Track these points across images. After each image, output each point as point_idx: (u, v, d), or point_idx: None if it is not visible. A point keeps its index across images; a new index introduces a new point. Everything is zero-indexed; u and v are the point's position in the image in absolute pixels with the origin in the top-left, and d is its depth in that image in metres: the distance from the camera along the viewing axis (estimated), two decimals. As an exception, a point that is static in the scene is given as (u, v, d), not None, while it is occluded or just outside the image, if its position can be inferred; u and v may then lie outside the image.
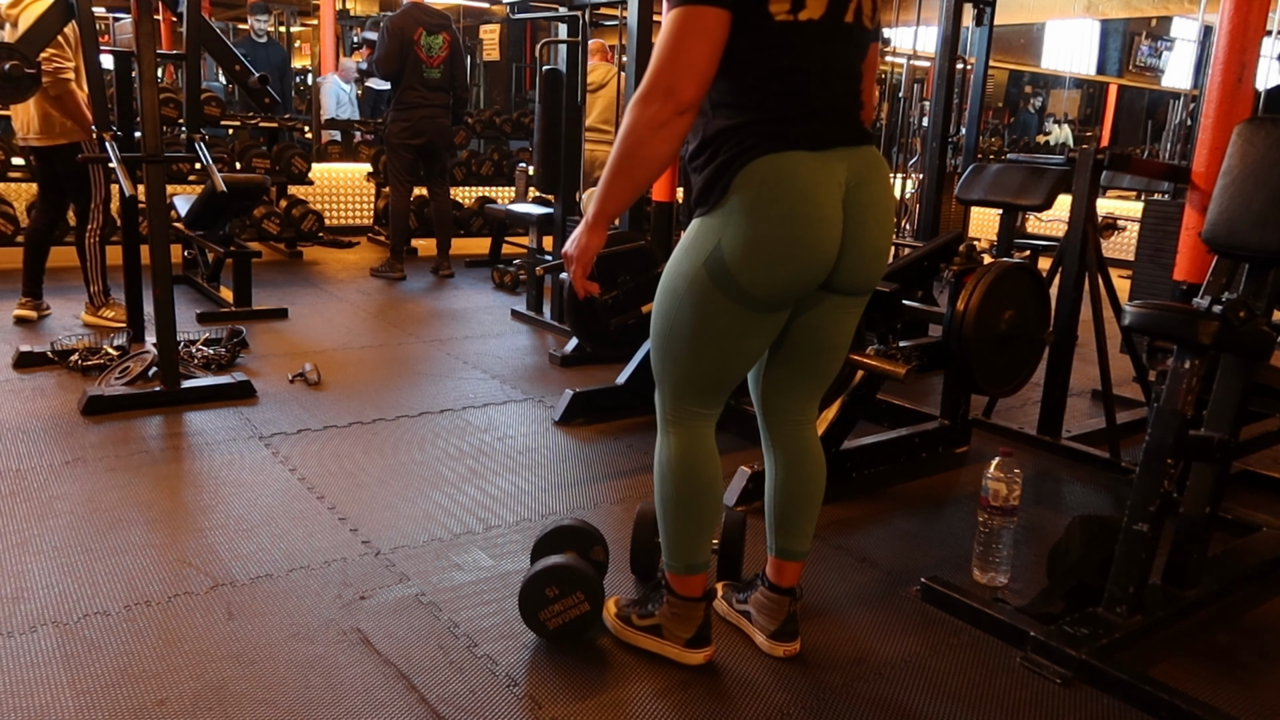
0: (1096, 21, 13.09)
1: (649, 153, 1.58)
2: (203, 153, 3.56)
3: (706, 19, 1.52)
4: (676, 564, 1.84)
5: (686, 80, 1.53)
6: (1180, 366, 1.99)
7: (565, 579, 1.90)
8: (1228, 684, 1.94)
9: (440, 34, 5.69)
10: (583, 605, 1.90)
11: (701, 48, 1.53)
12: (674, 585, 1.87)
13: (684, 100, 1.54)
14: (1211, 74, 2.99)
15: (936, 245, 3.01)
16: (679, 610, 1.87)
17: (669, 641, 1.89)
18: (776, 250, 1.60)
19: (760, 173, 1.59)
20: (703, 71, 1.55)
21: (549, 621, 1.91)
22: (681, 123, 1.56)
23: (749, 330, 1.69)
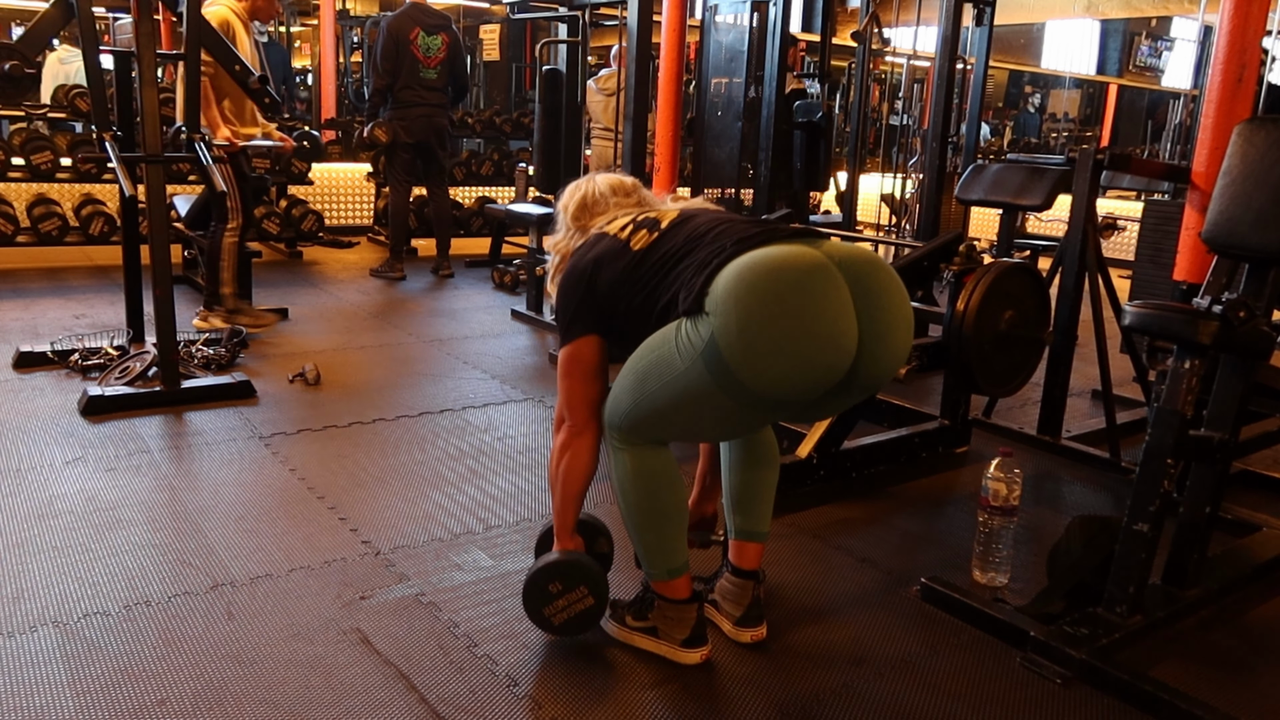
0: (1096, 21, 13.09)
1: (569, 469, 1.87)
2: (202, 153, 3.56)
3: (578, 353, 1.83)
4: (657, 572, 1.86)
5: (573, 410, 1.85)
6: (1180, 366, 1.99)
7: (568, 574, 1.89)
8: (1228, 684, 1.94)
9: (439, 35, 5.70)
10: (587, 599, 1.89)
11: (578, 381, 1.84)
12: (661, 591, 1.88)
13: (576, 425, 1.86)
14: (1211, 74, 2.99)
15: (936, 245, 3.01)
16: (671, 613, 1.88)
17: (665, 641, 1.90)
18: (780, 327, 1.51)
19: (735, 268, 1.56)
20: (584, 399, 1.84)
21: (554, 617, 1.90)
22: (583, 441, 1.86)
23: (741, 419, 1.72)
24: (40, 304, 4.73)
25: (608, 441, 1.85)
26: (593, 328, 1.82)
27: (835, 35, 6.20)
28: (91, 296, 4.94)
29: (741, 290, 1.53)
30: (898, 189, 6.49)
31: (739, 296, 1.53)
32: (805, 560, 2.39)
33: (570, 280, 1.85)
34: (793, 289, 1.52)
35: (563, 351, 1.85)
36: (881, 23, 5.47)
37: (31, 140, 5.61)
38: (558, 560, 1.90)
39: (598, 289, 1.80)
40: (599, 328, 1.82)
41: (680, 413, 1.68)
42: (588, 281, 1.81)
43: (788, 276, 1.53)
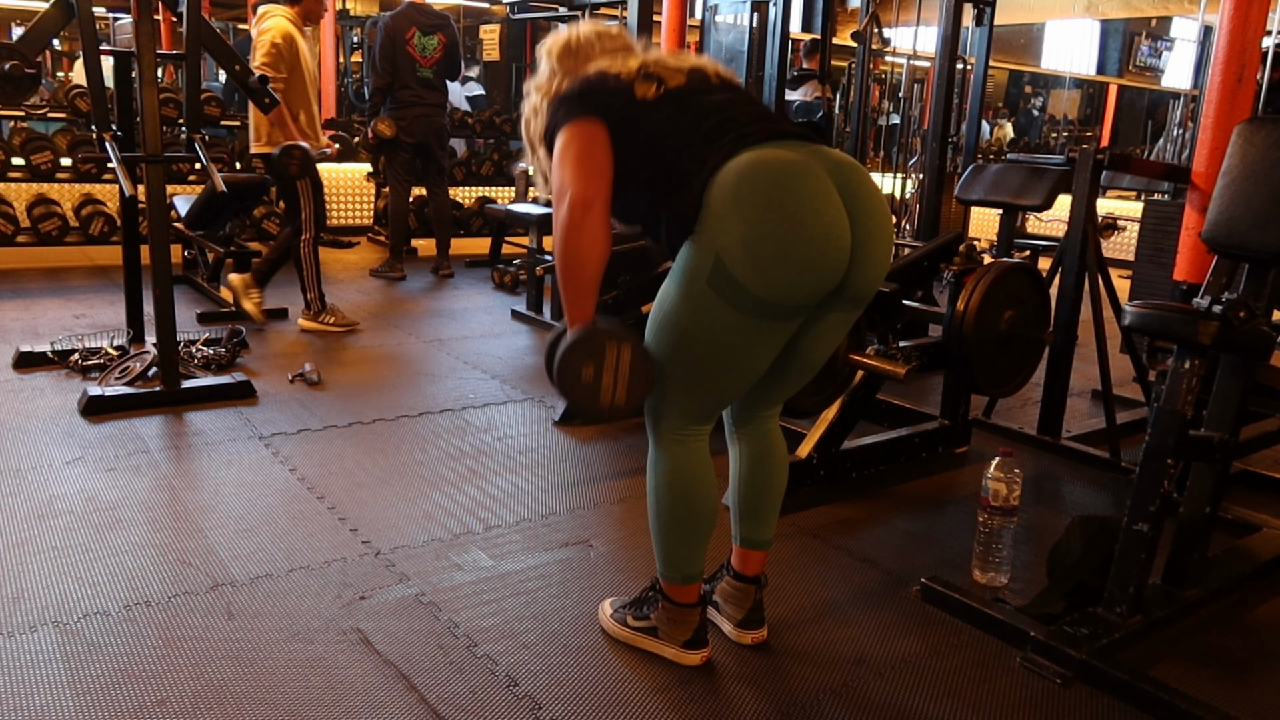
0: (1096, 21, 13.09)
1: (579, 254, 1.65)
2: (202, 153, 3.56)
3: (585, 128, 1.66)
4: (673, 574, 1.85)
5: (580, 178, 1.64)
6: (1180, 366, 1.99)
7: (591, 347, 1.62)
8: (1228, 684, 1.94)
9: (436, 34, 5.70)
10: (624, 354, 1.64)
11: (584, 149, 1.66)
12: (670, 593, 1.87)
13: (585, 195, 1.64)
14: (1211, 74, 2.99)
15: (936, 245, 3.01)
16: (675, 615, 1.88)
17: (666, 642, 1.90)
18: (779, 234, 1.54)
19: (730, 175, 1.57)
20: (592, 167, 1.66)
21: (607, 394, 1.64)
22: (592, 216, 1.64)
23: (761, 345, 1.65)
24: (40, 304, 4.73)
25: (653, 439, 1.80)
26: (600, 115, 1.66)
27: (835, 35, 6.20)
28: (91, 296, 4.94)
29: (739, 202, 1.55)
30: (898, 189, 6.49)
31: (739, 209, 1.55)
32: (805, 560, 2.39)
33: (572, 86, 1.73)
34: (789, 196, 1.55)
35: (564, 131, 1.67)
36: (881, 23, 5.47)
37: (31, 140, 5.61)
38: (578, 338, 1.63)
39: (604, 97, 1.68)
40: (605, 120, 1.67)
41: (709, 358, 1.65)
42: (593, 87, 1.70)
43: (783, 184, 1.55)
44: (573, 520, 2.55)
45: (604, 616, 2.01)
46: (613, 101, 1.69)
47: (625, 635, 1.95)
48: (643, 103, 1.68)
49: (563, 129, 1.68)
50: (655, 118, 1.68)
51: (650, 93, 1.69)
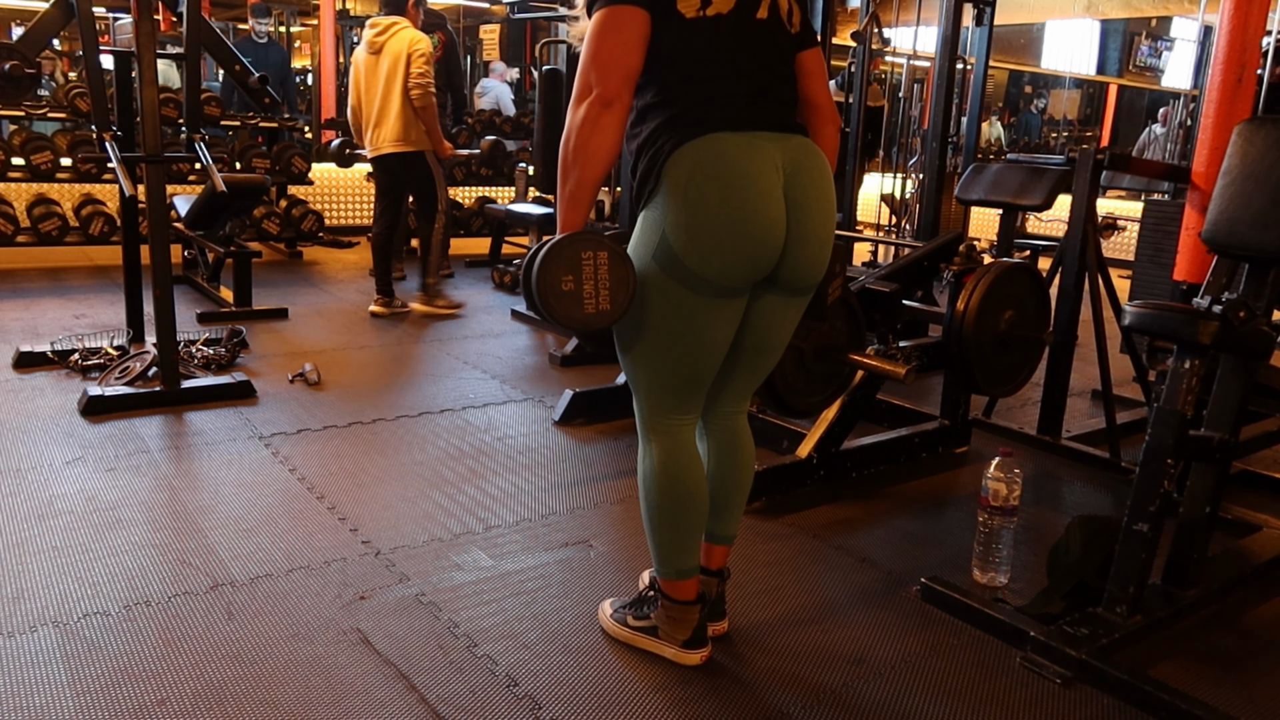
0: (1096, 21, 13.09)
1: (588, 150, 1.60)
2: (203, 153, 3.56)
3: (621, 16, 1.60)
4: (667, 570, 1.86)
5: (606, 75, 1.59)
6: (1180, 366, 1.99)
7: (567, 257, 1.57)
8: (1228, 684, 1.94)
9: (434, 34, 5.71)
10: (600, 260, 1.59)
11: (617, 43, 1.60)
12: (668, 591, 1.88)
13: (607, 93, 1.59)
14: (1211, 74, 2.99)
15: (936, 245, 3.01)
16: (673, 614, 1.89)
17: (665, 642, 1.91)
18: (719, 227, 1.60)
19: (689, 156, 1.62)
20: (621, 64, 1.60)
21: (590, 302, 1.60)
22: (610, 116, 1.59)
23: (711, 318, 1.69)
24: (40, 304, 4.73)
25: (641, 432, 1.84)
26: (645, 4, 1.60)
27: (835, 35, 6.20)
28: (91, 296, 4.94)
29: (687, 192, 1.61)
30: (898, 189, 6.49)
31: (686, 197, 1.61)
32: (805, 560, 2.39)
33: None
34: (734, 196, 1.61)
35: (599, 14, 1.61)
36: (881, 23, 5.46)
37: (31, 140, 5.61)
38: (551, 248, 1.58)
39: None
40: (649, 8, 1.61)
41: (667, 335, 1.70)
42: None
43: (731, 184, 1.61)
44: (573, 520, 2.55)
45: (604, 617, 2.02)
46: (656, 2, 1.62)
47: (625, 635, 1.95)
48: (678, 17, 1.62)
49: (602, 9, 1.61)
50: (682, 39, 1.63)
51: (693, 7, 1.63)
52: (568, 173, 1.62)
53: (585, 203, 1.64)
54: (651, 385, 1.78)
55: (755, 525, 2.56)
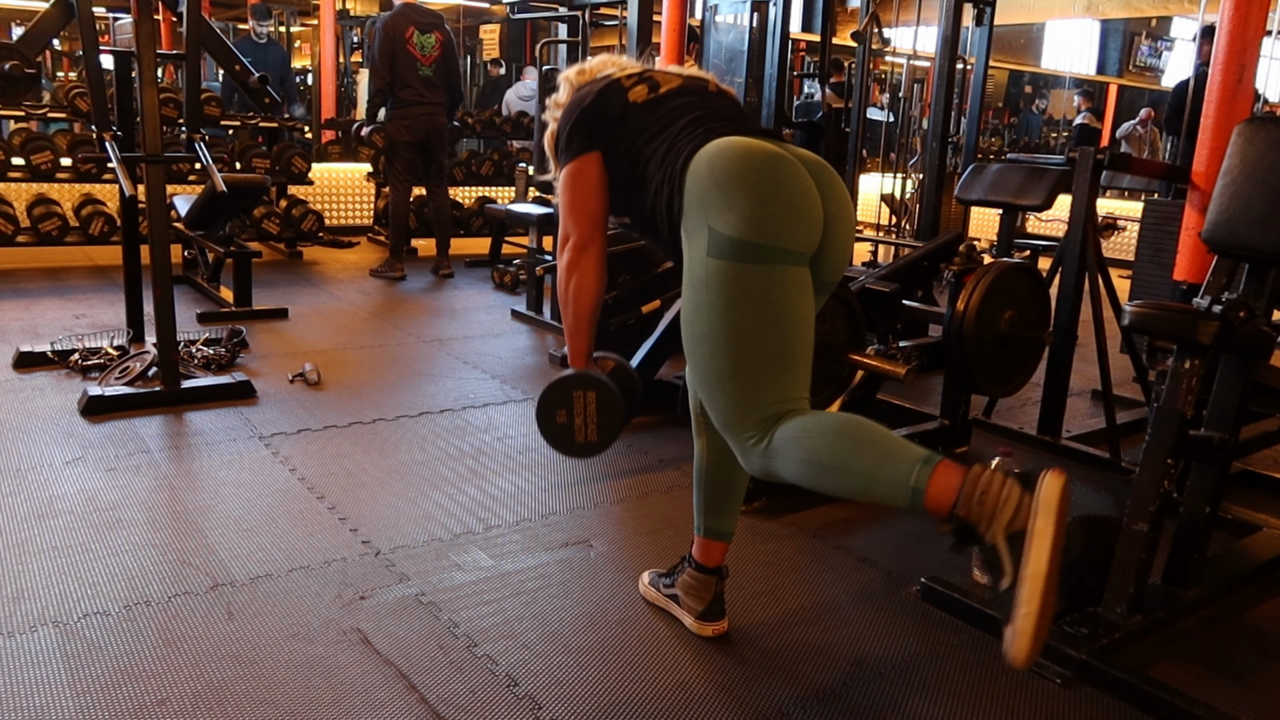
0: (1096, 21, 13.09)
1: (575, 290, 1.84)
2: (203, 153, 3.56)
3: (579, 167, 1.83)
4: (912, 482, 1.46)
5: (578, 223, 1.84)
6: (1180, 366, 1.99)
7: (560, 395, 1.82)
8: (1228, 684, 1.94)
9: (433, 33, 5.71)
10: (589, 399, 1.81)
11: (581, 193, 1.83)
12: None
13: (582, 239, 1.84)
14: (1211, 74, 2.99)
15: (936, 245, 3.01)
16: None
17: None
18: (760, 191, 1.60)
19: (701, 156, 1.66)
20: (589, 211, 1.83)
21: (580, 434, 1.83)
22: (588, 257, 1.84)
23: (786, 288, 1.61)
24: (40, 304, 4.73)
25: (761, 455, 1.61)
26: (595, 146, 1.82)
27: (835, 35, 6.20)
28: (91, 296, 4.94)
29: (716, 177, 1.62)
30: (898, 189, 6.49)
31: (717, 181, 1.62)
32: (805, 560, 2.39)
33: (572, 105, 1.87)
34: (765, 165, 1.63)
35: (565, 170, 1.85)
36: (881, 23, 5.47)
37: (31, 140, 5.61)
38: (548, 388, 1.82)
39: (598, 114, 1.82)
40: (600, 147, 1.82)
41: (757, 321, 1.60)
42: (590, 106, 1.83)
43: (758, 156, 1.63)
44: (573, 520, 2.55)
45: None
46: (607, 112, 1.81)
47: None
48: (634, 105, 1.81)
49: (564, 167, 1.85)
50: (644, 118, 1.80)
51: (643, 95, 1.82)
52: (565, 309, 1.87)
53: (585, 333, 1.87)
54: (745, 391, 1.61)
55: (755, 525, 2.56)
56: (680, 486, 2.81)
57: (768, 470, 1.62)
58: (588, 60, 2.04)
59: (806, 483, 1.58)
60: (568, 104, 1.90)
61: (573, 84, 1.97)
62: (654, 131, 1.77)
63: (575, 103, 1.87)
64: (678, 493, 2.76)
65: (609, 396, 1.82)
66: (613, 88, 1.84)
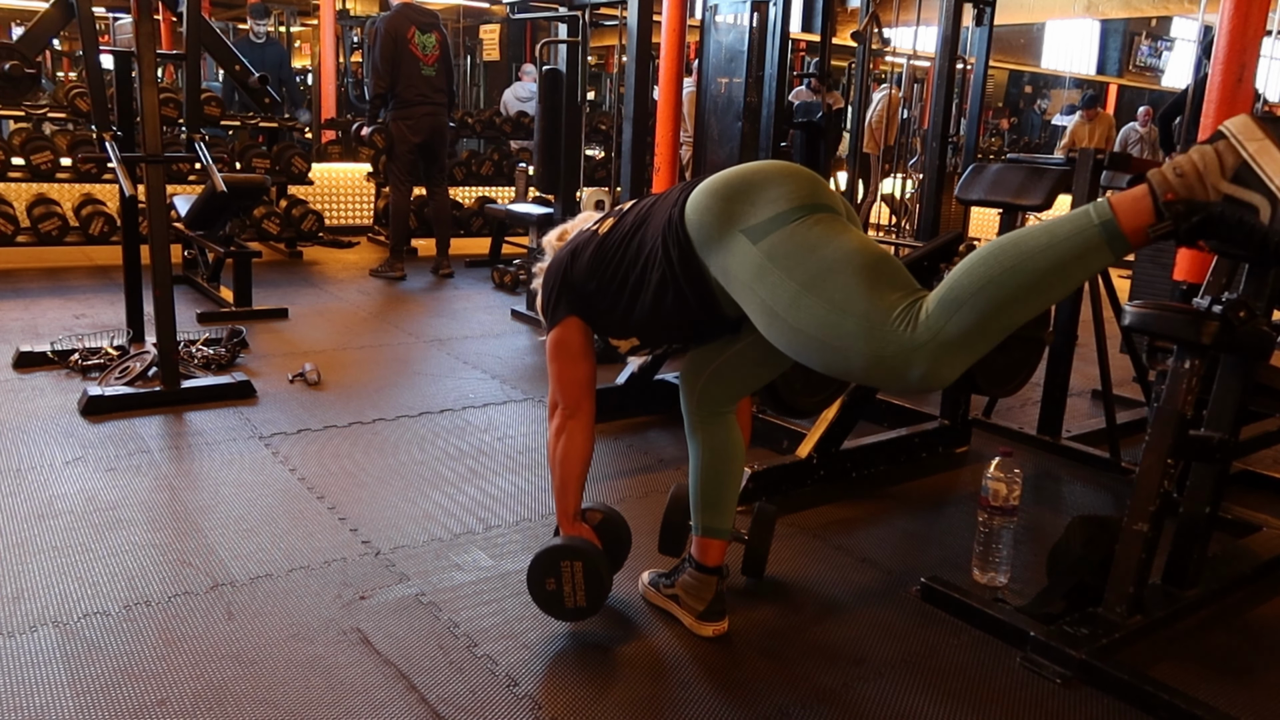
0: (1096, 21, 13.10)
1: (565, 453, 1.92)
2: (203, 153, 3.56)
3: (563, 334, 1.91)
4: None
5: (566, 391, 1.92)
6: (1180, 366, 1.99)
7: (548, 565, 1.91)
8: (1228, 684, 1.94)
9: (432, 33, 5.71)
10: (576, 568, 1.90)
11: (567, 360, 1.92)
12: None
13: (569, 407, 1.92)
14: (1211, 74, 2.99)
15: (936, 245, 3.01)
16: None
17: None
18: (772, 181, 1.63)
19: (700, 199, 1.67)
20: (576, 379, 1.91)
21: (569, 600, 1.92)
22: (576, 423, 1.92)
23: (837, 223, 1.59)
24: (40, 304, 4.73)
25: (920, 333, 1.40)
26: (573, 310, 1.90)
27: (835, 35, 6.21)
28: (91, 296, 4.94)
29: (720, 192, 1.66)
30: (898, 189, 6.50)
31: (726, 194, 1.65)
32: (805, 560, 2.39)
33: (550, 269, 1.96)
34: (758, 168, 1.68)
35: (549, 337, 1.94)
36: (881, 23, 5.47)
37: (31, 140, 5.61)
38: (537, 557, 1.92)
39: (574, 273, 1.88)
40: (578, 310, 1.90)
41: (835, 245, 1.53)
42: (565, 267, 1.91)
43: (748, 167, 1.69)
44: (573, 520, 2.55)
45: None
46: (580, 261, 1.87)
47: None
48: (604, 235, 1.87)
49: (550, 332, 1.94)
50: (616, 235, 1.85)
51: (610, 224, 1.89)
52: (554, 469, 1.96)
53: (572, 494, 1.95)
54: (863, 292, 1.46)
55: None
56: (680, 486, 2.81)
57: (946, 344, 1.39)
58: (567, 222, 2.11)
59: (992, 310, 1.37)
60: (549, 264, 1.98)
61: (554, 247, 2.06)
62: (630, 233, 1.82)
63: (553, 265, 1.95)
64: (678, 493, 2.76)
65: (595, 565, 1.91)
66: (585, 238, 1.91)
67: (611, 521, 2.12)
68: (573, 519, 1.98)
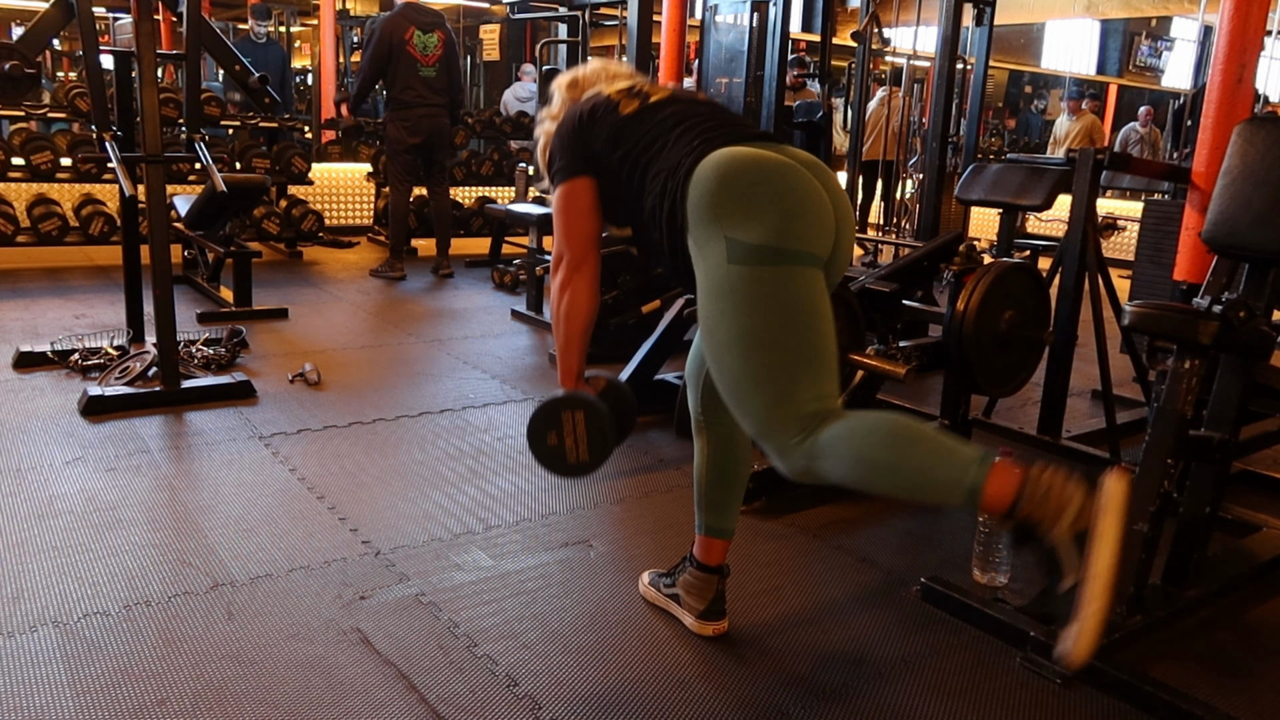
0: (1096, 21, 13.10)
1: (568, 309, 1.84)
2: (203, 153, 3.56)
3: (572, 190, 1.83)
4: (970, 479, 1.48)
5: (571, 243, 1.84)
6: (1180, 366, 1.99)
7: (549, 416, 1.81)
8: (1228, 684, 1.94)
9: (434, 32, 5.69)
10: (578, 419, 1.80)
11: (574, 215, 1.84)
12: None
13: (575, 258, 1.84)
14: (1211, 74, 2.99)
15: (936, 245, 3.01)
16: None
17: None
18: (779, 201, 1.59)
19: (707, 173, 1.64)
20: (582, 232, 1.84)
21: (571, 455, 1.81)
22: (581, 277, 1.83)
23: (812, 287, 1.60)
24: (40, 304, 4.73)
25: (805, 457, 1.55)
26: (587, 170, 1.83)
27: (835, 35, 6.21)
28: (91, 296, 4.94)
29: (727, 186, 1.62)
30: (898, 189, 6.49)
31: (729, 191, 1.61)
32: (805, 560, 2.39)
33: (564, 125, 1.88)
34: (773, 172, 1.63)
35: (558, 191, 1.86)
36: (881, 23, 5.47)
37: (31, 140, 5.61)
38: (537, 409, 1.82)
39: (592, 137, 1.82)
40: (592, 171, 1.83)
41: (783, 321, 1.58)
42: (581, 124, 1.84)
43: (764, 165, 1.64)
44: (573, 520, 2.55)
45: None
46: (598, 131, 1.81)
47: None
48: (625, 119, 1.81)
49: (557, 188, 1.86)
50: (635, 131, 1.80)
51: (633, 108, 1.83)
52: (557, 329, 1.87)
53: (576, 353, 1.87)
54: (781, 395, 1.57)
55: (755, 525, 2.56)
56: (680, 486, 2.81)
57: (811, 471, 1.55)
58: (581, 68, 2.03)
59: (854, 481, 1.53)
60: (560, 121, 1.90)
61: (565, 96, 1.98)
62: (646, 143, 1.77)
63: (567, 122, 1.87)
64: (678, 493, 2.76)
65: (598, 416, 1.81)
66: (603, 105, 1.84)
67: (617, 389, 1.97)
68: (576, 379, 1.88)
